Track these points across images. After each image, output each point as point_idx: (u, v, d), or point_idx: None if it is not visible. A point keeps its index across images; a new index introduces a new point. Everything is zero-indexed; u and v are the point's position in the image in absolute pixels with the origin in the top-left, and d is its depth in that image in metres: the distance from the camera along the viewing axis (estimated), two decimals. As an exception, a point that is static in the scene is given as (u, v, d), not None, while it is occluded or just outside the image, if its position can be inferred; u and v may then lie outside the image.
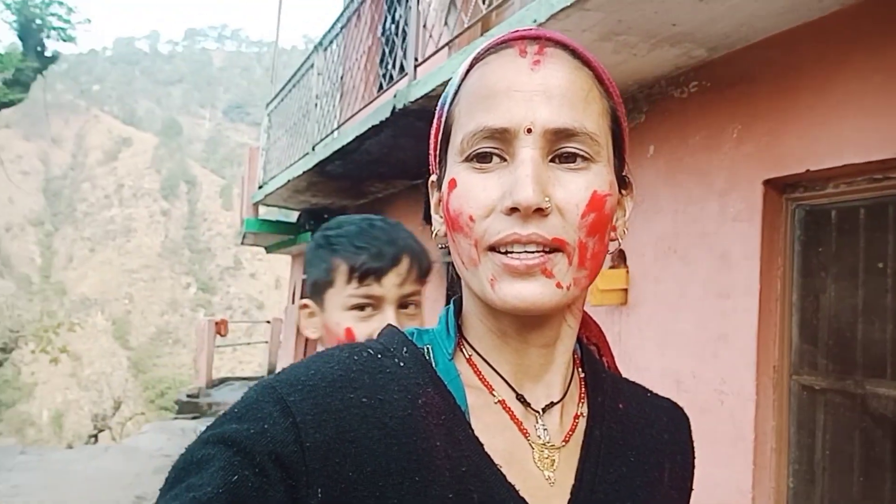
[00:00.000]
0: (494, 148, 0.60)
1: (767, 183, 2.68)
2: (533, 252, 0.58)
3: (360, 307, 1.20)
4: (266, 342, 13.04)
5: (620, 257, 3.60)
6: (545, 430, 0.66)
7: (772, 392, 2.64)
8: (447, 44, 3.84)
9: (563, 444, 0.66)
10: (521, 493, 0.60)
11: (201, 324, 12.52)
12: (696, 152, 3.09)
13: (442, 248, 0.69)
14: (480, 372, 0.66)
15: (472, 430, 0.61)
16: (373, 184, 6.68)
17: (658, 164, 3.33)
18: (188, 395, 11.23)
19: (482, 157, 0.61)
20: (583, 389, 0.71)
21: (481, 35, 3.47)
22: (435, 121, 0.69)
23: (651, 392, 0.79)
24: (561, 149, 0.60)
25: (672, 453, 0.73)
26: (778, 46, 2.67)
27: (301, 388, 0.58)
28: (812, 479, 2.55)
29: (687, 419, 0.78)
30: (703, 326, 2.91)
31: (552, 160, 0.60)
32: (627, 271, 3.50)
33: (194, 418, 10.01)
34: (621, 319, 3.51)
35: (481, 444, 0.61)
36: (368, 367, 0.61)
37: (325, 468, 0.55)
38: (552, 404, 0.67)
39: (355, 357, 0.62)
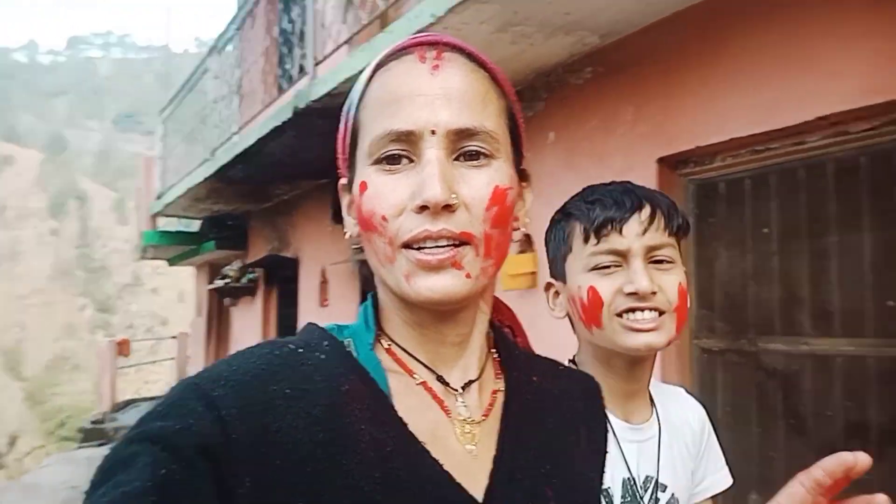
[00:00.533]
0: (402, 150, 0.63)
1: (661, 161, 2.83)
2: (444, 247, 0.62)
3: (605, 266, 1.07)
4: (173, 358, 12.56)
5: (528, 242, 3.70)
6: (465, 406, 0.69)
7: (675, 357, 2.79)
8: (346, 41, 3.83)
9: (483, 418, 0.69)
10: (446, 468, 0.63)
11: (101, 346, 11.95)
12: (593, 136, 3.22)
13: (356, 247, 0.72)
14: (401, 359, 0.69)
15: (396, 412, 0.64)
16: (278, 186, 6.56)
17: (558, 150, 3.45)
18: (92, 422, 10.67)
19: (391, 160, 0.64)
20: (498, 368, 0.75)
21: (381, 31, 3.48)
22: (342, 126, 0.72)
23: (563, 366, 0.84)
24: (463, 148, 0.64)
25: (586, 419, 0.79)
26: (664, 30, 2.83)
27: (224, 383, 0.59)
28: (716, 435, 2.72)
29: (598, 389, 0.84)
30: (610, 302, 3.04)
31: (456, 159, 0.64)
32: (535, 255, 3.61)
33: (101, 445, 9.51)
34: (532, 301, 3.61)
35: (405, 425, 0.63)
36: (290, 361, 0.63)
37: (253, 458, 0.56)
38: (470, 383, 0.71)
39: (276, 352, 0.64)
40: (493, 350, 0.77)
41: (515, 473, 0.67)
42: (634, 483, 1.06)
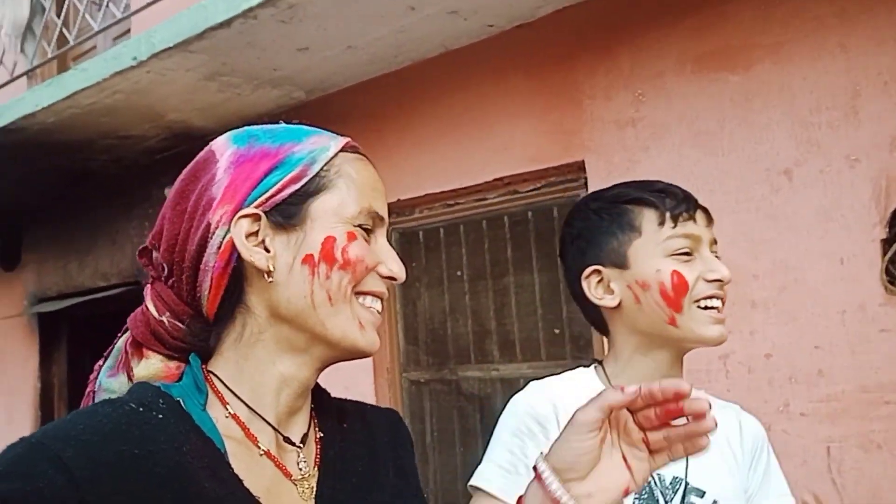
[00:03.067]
0: (371, 226, 0.78)
1: (367, 211, 3.07)
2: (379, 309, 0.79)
3: (685, 252, 1.08)
4: None
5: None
6: (305, 462, 0.76)
7: (388, 390, 3.04)
8: (26, 73, 3.46)
9: (316, 469, 0.77)
10: None
11: None
12: (302, 185, 3.36)
13: (269, 280, 0.75)
14: (244, 423, 0.73)
15: (233, 470, 0.69)
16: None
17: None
18: None
19: (367, 229, 0.78)
20: (314, 417, 0.83)
21: (72, 65, 3.24)
22: (292, 169, 0.76)
23: (370, 405, 0.94)
24: None
25: (394, 450, 0.88)
26: (365, 92, 3.09)
27: (74, 443, 0.60)
28: (426, 458, 3.02)
29: (401, 420, 0.95)
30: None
31: None
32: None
33: None
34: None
35: (241, 482, 0.68)
36: (135, 420, 0.66)
37: None
38: (305, 435, 0.78)
39: (119, 411, 0.66)
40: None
41: None
42: (656, 481, 1.05)
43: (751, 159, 2.20)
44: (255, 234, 0.74)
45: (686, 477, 1.06)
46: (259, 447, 0.73)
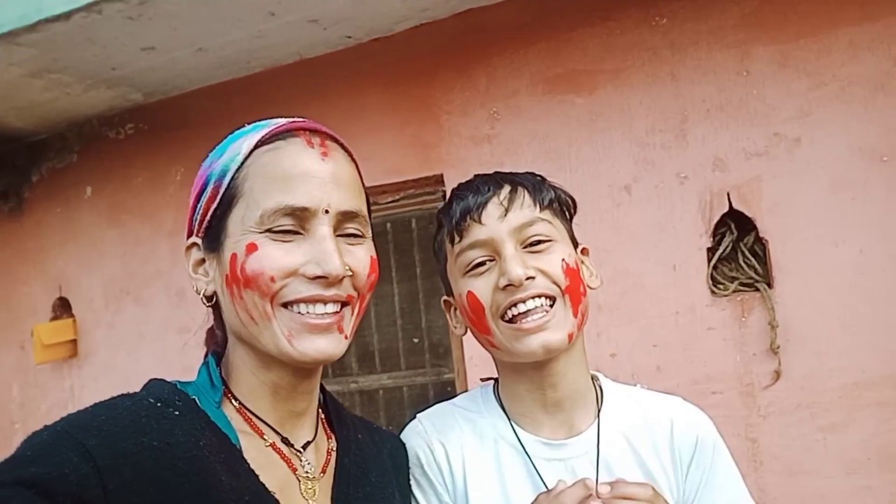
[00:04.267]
0: (294, 223, 0.71)
1: (216, 222, 2.94)
2: (330, 312, 0.71)
3: (478, 264, 0.92)
4: None
5: (64, 306, 3.36)
6: (309, 464, 0.77)
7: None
8: None
9: (322, 474, 0.78)
10: None
11: None
12: (140, 193, 3.15)
13: (208, 305, 0.76)
14: (251, 420, 0.74)
15: (249, 465, 0.70)
16: None
17: (99, 206, 3.26)
18: None
19: (282, 230, 0.70)
20: (328, 427, 0.84)
21: None
22: (209, 189, 0.74)
23: (376, 424, 0.95)
24: (345, 227, 0.74)
25: (396, 473, 0.90)
26: (211, 96, 2.97)
27: (97, 433, 0.63)
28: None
29: (404, 446, 0.96)
30: (166, 362, 2.99)
31: (337, 235, 0.73)
32: (74, 321, 3.30)
33: None
34: (72, 373, 3.29)
35: (257, 476, 0.70)
36: (153, 414, 0.67)
37: None
38: (309, 442, 0.79)
39: (139, 405, 0.68)
40: (321, 410, 0.85)
41: None
42: None
43: (595, 175, 2.39)
44: (202, 261, 0.76)
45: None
46: (265, 439, 0.75)
